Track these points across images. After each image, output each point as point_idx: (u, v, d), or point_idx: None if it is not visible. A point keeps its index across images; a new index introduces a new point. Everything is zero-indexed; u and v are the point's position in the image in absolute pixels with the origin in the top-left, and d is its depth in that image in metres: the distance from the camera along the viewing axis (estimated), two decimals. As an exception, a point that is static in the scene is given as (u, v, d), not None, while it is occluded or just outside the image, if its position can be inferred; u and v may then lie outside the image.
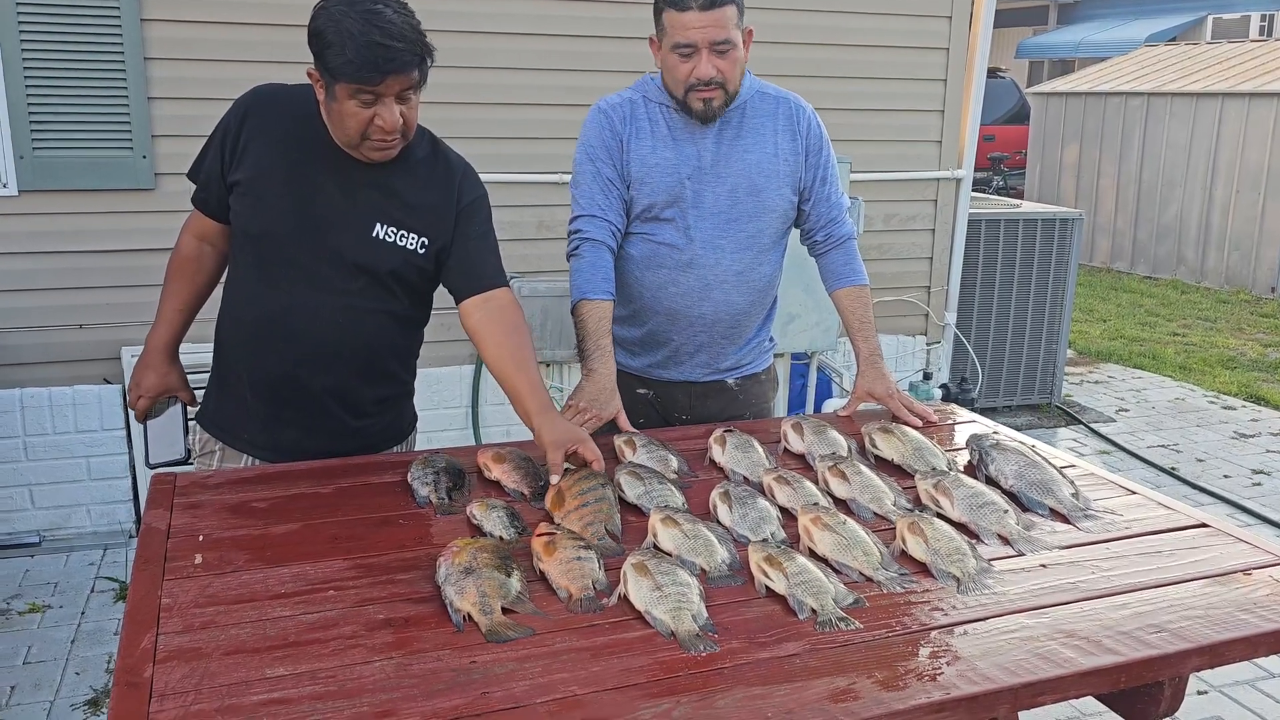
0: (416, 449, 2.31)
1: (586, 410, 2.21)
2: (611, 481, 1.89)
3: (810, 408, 4.66)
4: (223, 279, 2.18)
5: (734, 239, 2.35)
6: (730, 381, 2.49)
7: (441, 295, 2.20)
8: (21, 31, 3.56)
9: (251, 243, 2.04)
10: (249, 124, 2.00)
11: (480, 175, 2.18)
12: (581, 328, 2.29)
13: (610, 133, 2.32)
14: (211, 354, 2.17)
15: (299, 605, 1.49)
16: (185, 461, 2.24)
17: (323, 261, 2.01)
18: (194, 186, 2.11)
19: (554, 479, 1.87)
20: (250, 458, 2.13)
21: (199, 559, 1.62)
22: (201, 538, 1.70)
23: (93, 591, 3.53)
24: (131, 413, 2.30)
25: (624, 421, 2.24)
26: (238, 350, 2.10)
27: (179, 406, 2.28)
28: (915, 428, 2.24)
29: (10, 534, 3.85)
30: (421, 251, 2.05)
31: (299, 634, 1.41)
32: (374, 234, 2.01)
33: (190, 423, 2.25)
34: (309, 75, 1.94)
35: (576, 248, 2.34)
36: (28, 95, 3.61)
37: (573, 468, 1.91)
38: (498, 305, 2.09)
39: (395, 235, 2.03)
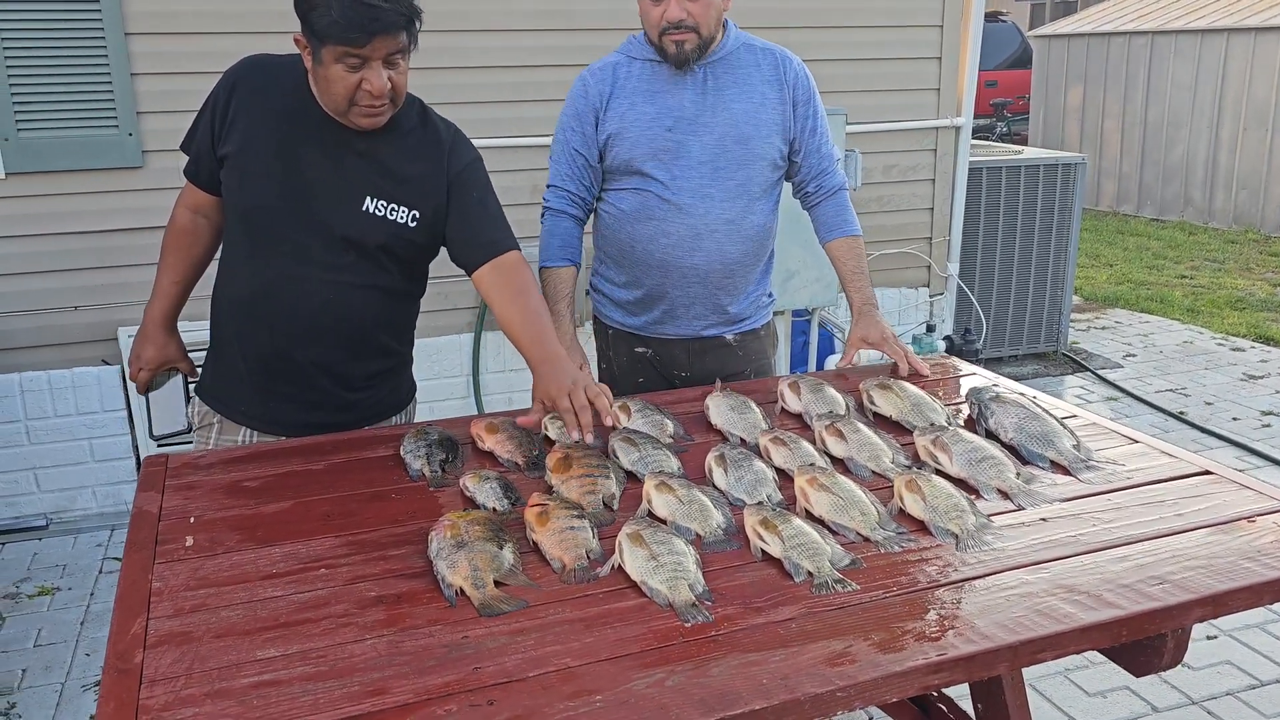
0: (417, 419, 2.30)
1: None
2: (607, 449, 1.88)
3: (812, 364, 4.63)
4: (218, 254, 2.17)
5: (722, 187, 2.33)
6: (729, 337, 2.48)
7: (439, 265, 2.17)
8: (-1, 12, 3.51)
9: (241, 217, 2.02)
10: (237, 95, 1.97)
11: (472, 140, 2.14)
12: (546, 291, 2.40)
13: (584, 99, 2.37)
14: (208, 329, 2.17)
15: (290, 585, 1.48)
16: (188, 432, 2.26)
17: (311, 235, 1.98)
18: (186, 159, 2.09)
19: (541, 429, 1.98)
20: (248, 429, 2.13)
21: (190, 541, 1.61)
22: (193, 519, 1.69)
23: (101, 572, 3.54)
24: (133, 387, 2.31)
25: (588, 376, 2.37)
26: (231, 325, 2.09)
27: (179, 378, 2.29)
28: (915, 377, 2.23)
29: (17, 518, 3.86)
30: (413, 225, 2.02)
31: (290, 614, 1.40)
32: (364, 208, 1.98)
33: (191, 397, 2.25)
34: (295, 41, 1.90)
35: (541, 216, 2.48)
36: (9, 77, 3.56)
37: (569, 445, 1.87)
38: (504, 270, 2.07)
39: (385, 209, 1.99)
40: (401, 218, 2.01)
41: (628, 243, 2.40)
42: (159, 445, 2.31)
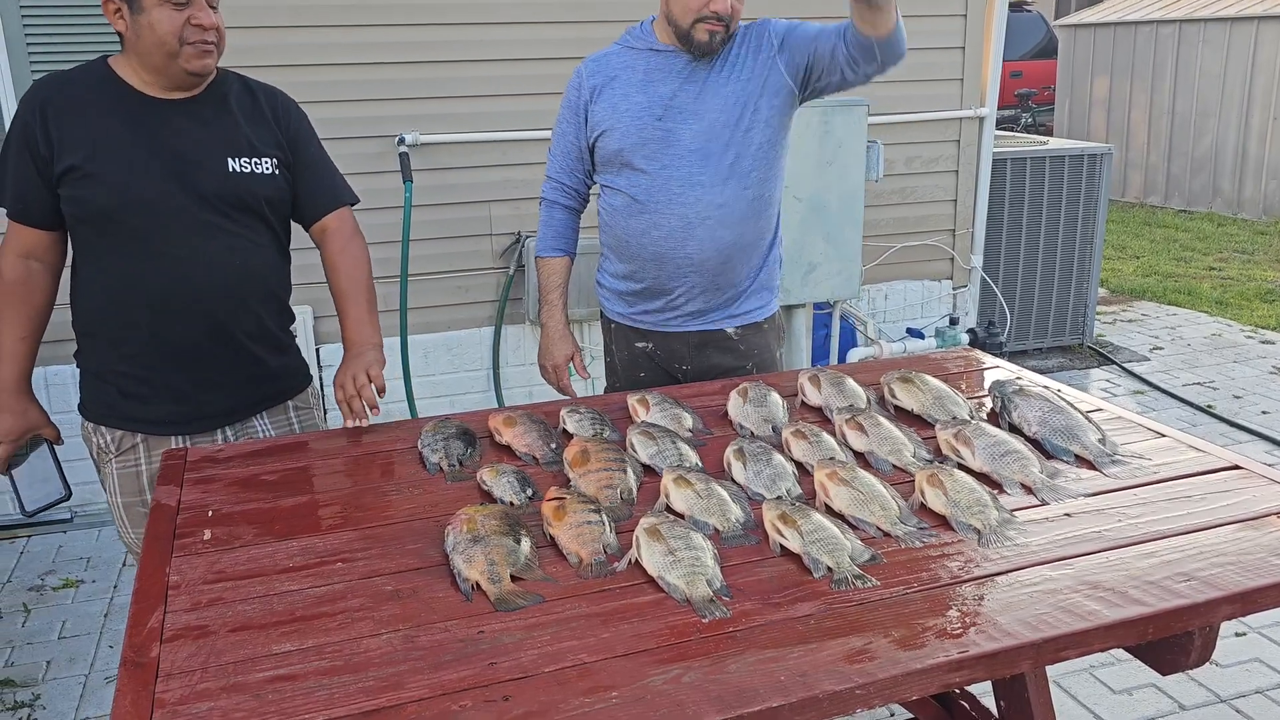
0: (435, 414, 2.29)
1: (547, 369, 2.54)
2: (626, 445, 1.87)
3: (834, 358, 4.60)
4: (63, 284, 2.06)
5: (712, 172, 2.30)
6: (730, 330, 2.44)
7: (465, 256, 2.18)
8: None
9: (109, 220, 1.93)
10: (51, 111, 1.92)
11: (488, 133, 2.15)
12: (539, 280, 2.55)
13: (576, 92, 2.40)
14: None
15: (307, 579, 1.47)
16: (68, 499, 2.12)
17: (202, 208, 1.97)
18: None
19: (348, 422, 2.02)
20: (178, 436, 2.06)
21: (207, 534, 1.61)
22: (210, 513, 1.69)
23: (124, 565, 3.56)
24: None
25: (578, 362, 2.54)
26: (132, 334, 1.99)
27: (45, 445, 2.11)
28: (937, 370, 2.20)
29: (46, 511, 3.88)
30: (278, 174, 2.06)
31: (306, 608, 1.40)
32: (230, 169, 2.00)
33: (59, 460, 2.11)
34: (105, 8, 1.90)
35: (541, 205, 2.54)
36: None
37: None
38: (341, 235, 2.16)
39: (251, 164, 2.02)
40: (266, 169, 2.04)
41: (623, 236, 2.40)
42: (31, 518, 2.17)
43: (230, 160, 1.99)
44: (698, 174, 2.30)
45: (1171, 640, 1.46)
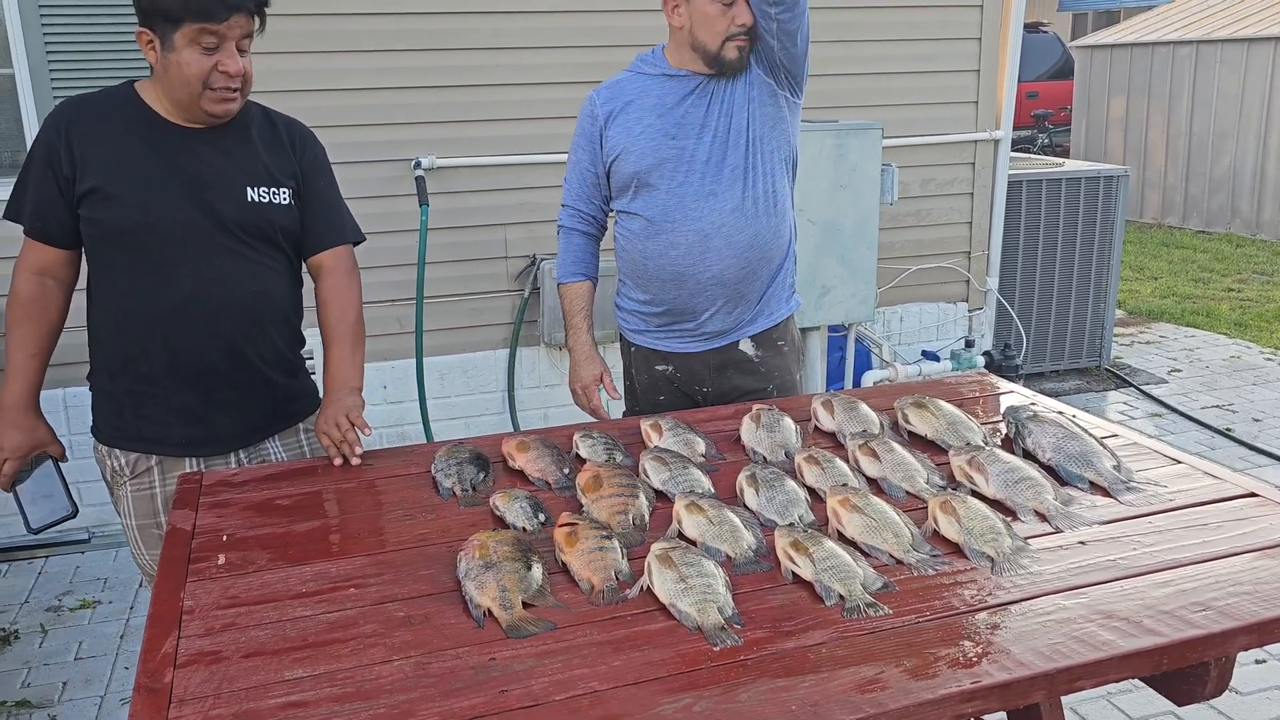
0: (451, 436, 2.31)
1: (577, 391, 2.55)
2: (639, 470, 1.87)
3: (849, 380, 4.59)
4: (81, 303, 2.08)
5: (725, 180, 2.34)
6: (749, 350, 2.46)
7: (481, 279, 2.19)
8: None
9: (128, 242, 1.96)
10: (75, 132, 1.94)
11: (504, 157, 2.17)
12: (563, 307, 2.58)
13: (590, 119, 2.43)
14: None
15: (320, 604, 1.48)
16: (73, 516, 2.13)
17: (216, 233, 1.99)
18: (15, 227, 2.02)
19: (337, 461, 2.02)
20: (193, 459, 2.07)
21: (222, 559, 1.62)
22: (225, 537, 1.70)
23: (140, 586, 3.58)
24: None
25: (608, 382, 2.53)
26: (147, 354, 2.01)
27: (50, 461, 2.12)
28: (951, 396, 2.20)
29: (60, 531, 3.91)
30: (292, 204, 2.08)
31: (319, 634, 1.40)
32: (249, 198, 2.01)
33: (65, 478, 2.12)
34: (138, 36, 1.91)
35: (557, 234, 2.57)
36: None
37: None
38: (338, 274, 2.16)
39: (267, 194, 2.04)
40: (283, 199, 2.06)
41: (640, 260, 2.41)
42: (36, 534, 2.15)
43: (250, 190, 2.02)
44: (710, 184, 2.33)
45: (1187, 671, 1.44)
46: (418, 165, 4.11)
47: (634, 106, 2.37)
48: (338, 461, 2.02)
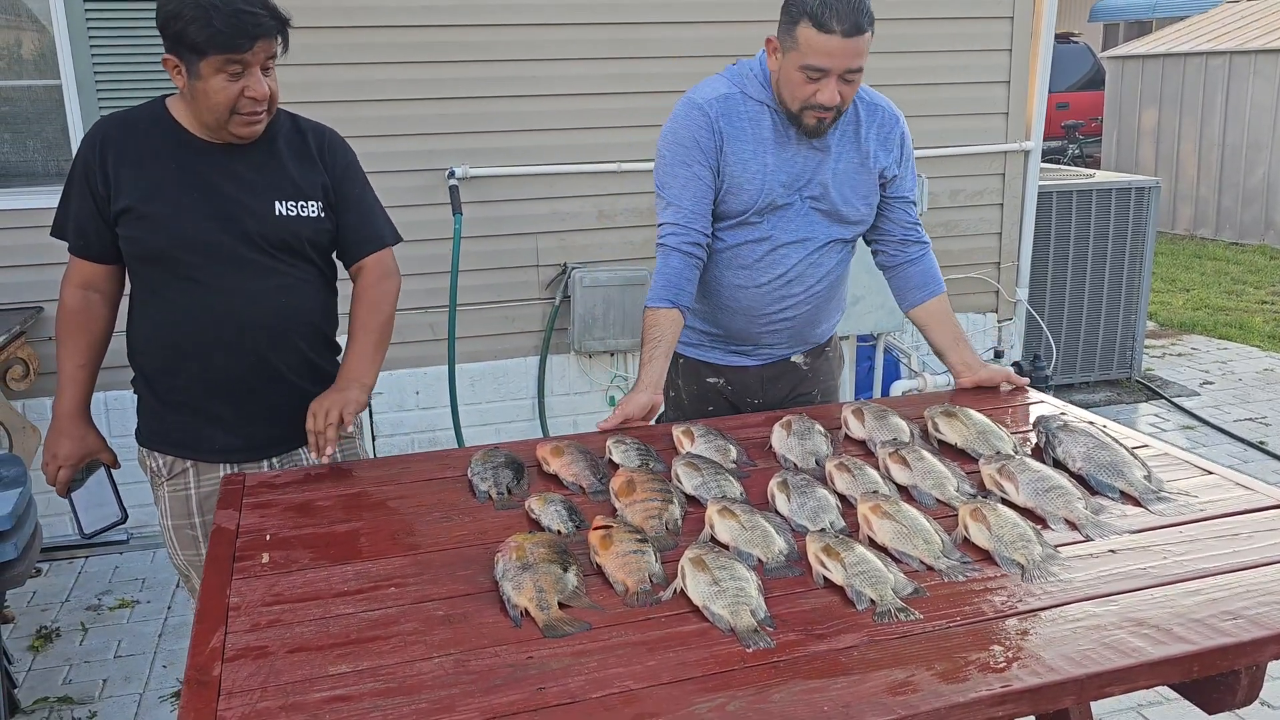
0: (482, 442, 2.34)
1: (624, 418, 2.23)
2: (671, 476, 1.90)
3: (877, 390, 4.60)
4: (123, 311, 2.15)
5: (821, 232, 2.32)
6: (799, 360, 2.48)
7: (513, 287, 2.22)
8: None
9: (161, 259, 2.02)
10: (110, 151, 2.00)
11: (536, 167, 2.21)
12: (643, 332, 2.29)
13: (707, 133, 2.21)
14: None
15: (361, 603, 1.52)
16: (124, 521, 2.20)
17: (245, 248, 2.03)
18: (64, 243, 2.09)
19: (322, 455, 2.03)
20: (227, 464, 2.13)
21: (266, 558, 1.66)
22: (268, 537, 1.74)
23: (178, 586, 3.64)
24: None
25: (649, 417, 2.26)
26: (182, 366, 2.08)
27: (102, 469, 2.19)
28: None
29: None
30: (322, 216, 2.11)
31: (361, 631, 1.44)
32: (277, 213, 2.05)
33: (113, 479, 2.18)
34: (164, 63, 1.95)
35: (659, 250, 2.31)
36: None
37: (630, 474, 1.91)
38: (374, 275, 2.20)
39: (295, 208, 2.07)
40: (312, 211, 2.09)
41: (713, 287, 2.36)
42: (89, 540, 2.23)
43: (278, 204, 2.06)
44: (804, 229, 2.31)
45: (1218, 679, 1.45)
46: (452, 175, 4.16)
47: (749, 137, 2.23)
48: (313, 455, 2.04)
